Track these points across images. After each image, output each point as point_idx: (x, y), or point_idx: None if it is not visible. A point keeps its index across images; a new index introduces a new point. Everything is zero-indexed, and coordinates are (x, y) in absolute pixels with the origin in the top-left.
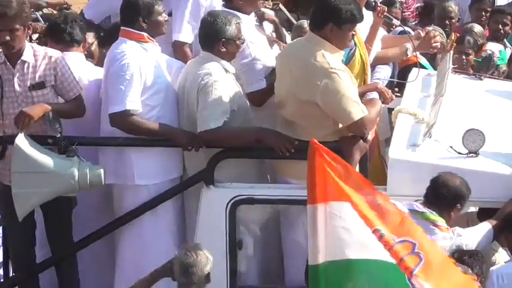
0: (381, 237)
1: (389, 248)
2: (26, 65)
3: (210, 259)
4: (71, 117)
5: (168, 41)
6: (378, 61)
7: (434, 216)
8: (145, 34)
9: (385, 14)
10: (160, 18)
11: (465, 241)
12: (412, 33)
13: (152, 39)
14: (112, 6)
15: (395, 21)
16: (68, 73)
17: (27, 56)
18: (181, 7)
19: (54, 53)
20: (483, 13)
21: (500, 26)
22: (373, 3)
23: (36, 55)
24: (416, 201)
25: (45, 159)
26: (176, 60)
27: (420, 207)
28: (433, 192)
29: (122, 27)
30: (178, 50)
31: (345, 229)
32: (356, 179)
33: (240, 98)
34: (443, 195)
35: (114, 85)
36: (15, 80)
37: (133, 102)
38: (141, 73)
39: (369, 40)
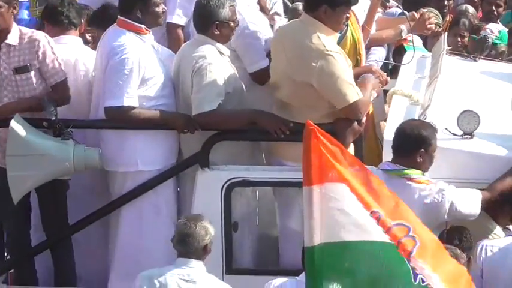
0: (378, 219)
1: (387, 229)
2: (11, 48)
3: (209, 231)
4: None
5: None
6: (373, 43)
7: (407, 170)
8: (143, 26)
9: None
10: (157, 9)
11: (449, 197)
12: (407, 13)
13: (149, 30)
14: None
15: (393, 2)
16: (51, 57)
17: (12, 38)
18: None
19: (40, 36)
20: None
21: (493, 7)
22: None
23: (22, 38)
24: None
25: (40, 142)
26: (166, 49)
27: (391, 166)
28: (396, 146)
29: (119, 16)
30: (171, 32)
31: (341, 210)
32: (350, 161)
33: (235, 81)
34: (405, 144)
35: (112, 79)
36: (1, 63)
37: (131, 98)
38: (140, 66)
39: (367, 21)
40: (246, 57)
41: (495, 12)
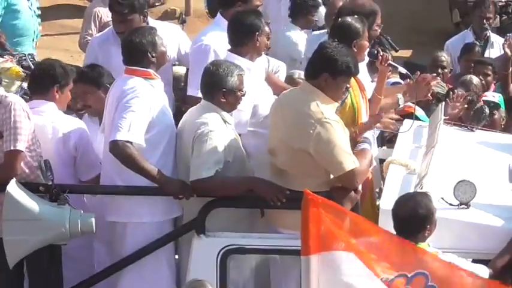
0: (390, 285)
1: None
2: None
3: None
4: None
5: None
6: None
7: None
8: (151, 71)
9: (388, 62)
10: (163, 48)
11: None
12: (402, 82)
13: (157, 75)
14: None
15: (401, 69)
16: (17, 123)
17: None
18: (200, 61)
19: (13, 99)
20: (472, 64)
21: (481, 76)
22: (376, 52)
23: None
24: None
25: (37, 207)
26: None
27: None
28: (400, 230)
29: (126, 67)
30: (192, 104)
31: (341, 281)
32: (355, 221)
33: (237, 150)
34: (410, 230)
35: (121, 115)
36: None
37: (137, 135)
38: (151, 109)
39: (377, 89)
40: None
41: (483, 82)
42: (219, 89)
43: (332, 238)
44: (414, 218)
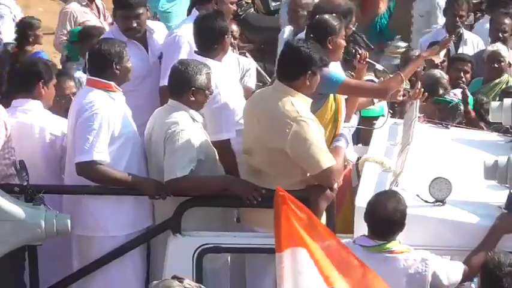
0: None
1: None
2: None
3: None
4: None
5: None
6: None
7: (387, 244)
8: (112, 83)
9: (366, 59)
10: (128, 64)
11: (432, 267)
12: (376, 80)
13: (119, 88)
14: None
15: (378, 66)
16: None
17: None
18: (174, 52)
19: None
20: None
21: (461, 73)
22: (354, 51)
23: None
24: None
25: (12, 207)
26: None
27: (370, 242)
28: (374, 228)
29: (88, 77)
30: (164, 95)
31: (301, 275)
32: (320, 229)
33: (208, 148)
34: (387, 229)
35: (82, 135)
36: None
37: (101, 153)
38: (110, 123)
39: None
40: (209, 126)
41: (463, 79)
42: (189, 87)
43: (297, 235)
44: (397, 220)
